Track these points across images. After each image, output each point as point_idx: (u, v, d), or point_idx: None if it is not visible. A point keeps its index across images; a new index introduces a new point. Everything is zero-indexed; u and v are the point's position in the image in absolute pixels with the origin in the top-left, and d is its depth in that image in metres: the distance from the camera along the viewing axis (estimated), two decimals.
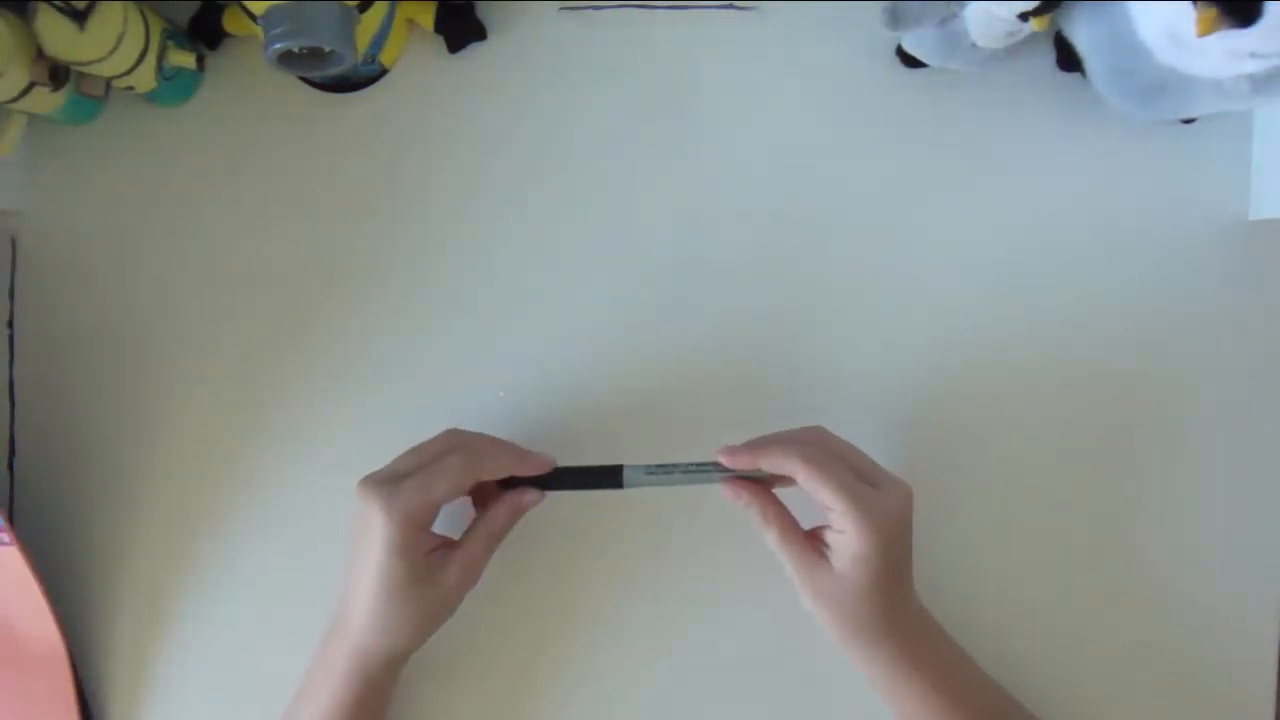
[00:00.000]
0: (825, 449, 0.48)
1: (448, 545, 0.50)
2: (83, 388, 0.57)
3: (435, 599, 0.48)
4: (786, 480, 0.49)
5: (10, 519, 0.53)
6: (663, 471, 0.50)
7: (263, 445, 0.57)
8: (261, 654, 0.56)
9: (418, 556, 0.47)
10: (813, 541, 0.48)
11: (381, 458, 0.52)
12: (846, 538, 0.46)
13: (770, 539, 0.49)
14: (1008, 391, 0.55)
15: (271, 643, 0.56)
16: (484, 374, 0.56)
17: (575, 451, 0.53)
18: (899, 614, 0.48)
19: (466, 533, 0.50)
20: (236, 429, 0.57)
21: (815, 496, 0.47)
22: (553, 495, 0.51)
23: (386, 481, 0.48)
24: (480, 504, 0.52)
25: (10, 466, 0.57)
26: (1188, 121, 0.54)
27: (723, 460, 0.49)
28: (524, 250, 0.56)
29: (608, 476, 0.50)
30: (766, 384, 0.55)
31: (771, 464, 0.48)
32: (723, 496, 0.50)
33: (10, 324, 0.58)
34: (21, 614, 0.54)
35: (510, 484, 0.51)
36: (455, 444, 0.50)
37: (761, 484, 0.50)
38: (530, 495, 0.50)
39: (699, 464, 0.50)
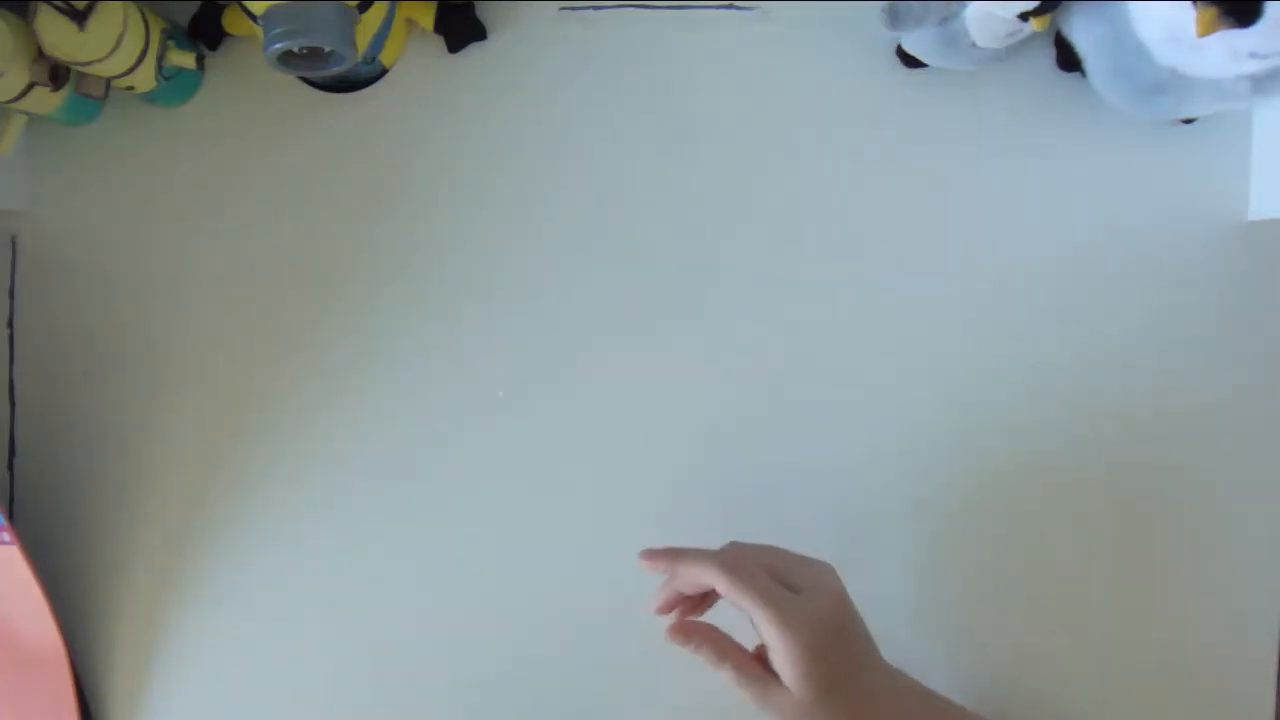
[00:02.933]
0: (744, 558, 0.46)
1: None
2: (83, 388, 0.57)
3: None
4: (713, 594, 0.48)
5: (10, 519, 0.53)
6: None
7: (262, 445, 0.57)
8: (261, 654, 0.56)
9: None
10: (765, 666, 0.46)
11: (381, 458, 0.52)
12: (777, 654, 0.44)
13: (725, 678, 0.46)
14: (1003, 391, 0.55)
15: (271, 642, 0.56)
16: (483, 374, 0.56)
17: (575, 455, 0.53)
18: (863, 705, 0.46)
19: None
20: (236, 428, 0.57)
21: (739, 607, 0.45)
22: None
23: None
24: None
25: (10, 466, 0.57)
26: (1188, 121, 0.54)
27: (644, 561, 0.48)
28: (523, 250, 0.56)
29: None
30: (765, 377, 0.55)
31: (689, 573, 0.47)
32: (671, 640, 0.47)
33: (10, 324, 0.58)
34: (21, 614, 0.54)
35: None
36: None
37: (709, 627, 0.47)
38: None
39: None
